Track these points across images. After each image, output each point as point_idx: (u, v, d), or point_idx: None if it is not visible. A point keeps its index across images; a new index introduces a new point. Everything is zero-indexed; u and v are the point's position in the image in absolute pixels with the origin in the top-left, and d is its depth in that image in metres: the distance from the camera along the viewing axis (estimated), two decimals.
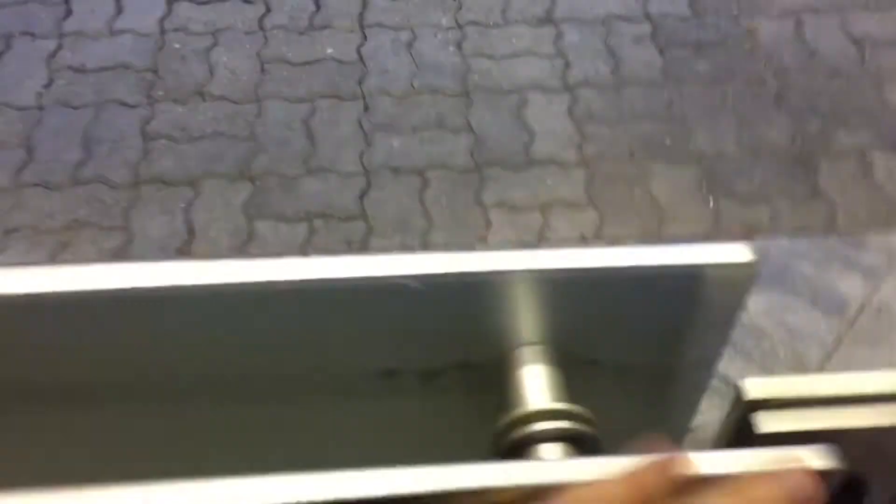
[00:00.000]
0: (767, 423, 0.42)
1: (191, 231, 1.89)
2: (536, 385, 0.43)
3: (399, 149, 2.05)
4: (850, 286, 1.77)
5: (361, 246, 1.86)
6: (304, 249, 1.86)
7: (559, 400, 0.42)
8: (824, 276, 1.78)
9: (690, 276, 0.42)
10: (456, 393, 0.46)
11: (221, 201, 1.95)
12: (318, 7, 2.36)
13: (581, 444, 0.42)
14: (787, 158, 2.02)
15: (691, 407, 0.54)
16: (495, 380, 0.44)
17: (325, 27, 2.32)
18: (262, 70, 2.21)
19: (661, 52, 2.26)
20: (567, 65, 2.23)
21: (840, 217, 1.90)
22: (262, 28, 2.30)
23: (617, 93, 2.17)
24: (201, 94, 2.15)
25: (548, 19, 2.34)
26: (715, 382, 0.73)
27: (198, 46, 2.25)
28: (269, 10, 2.35)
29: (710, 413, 0.59)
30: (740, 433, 0.44)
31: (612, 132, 2.09)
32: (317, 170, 2.00)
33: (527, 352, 0.43)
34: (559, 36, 2.30)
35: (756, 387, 0.43)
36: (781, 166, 2.01)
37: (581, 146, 2.06)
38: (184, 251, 1.85)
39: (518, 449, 0.41)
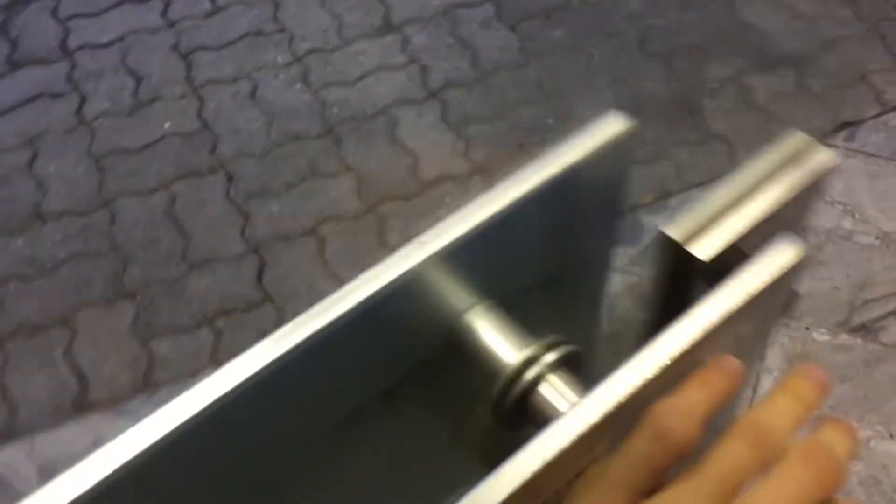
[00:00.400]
0: (706, 248, 0.42)
1: (81, 377, 1.65)
2: (498, 339, 0.42)
3: (280, 212, 1.86)
4: None
5: None
6: (216, 357, 1.67)
7: (525, 339, 0.41)
8: None
9: (576, 175, 0.41)
10: (425, 392, 0.45)
11: (105, 332, 1.71)
12: (137, 81, 2.11)
13: (570, 364, 0.41)
14: (670, 106, 1.97)
15: (602, 301, 0.56)
16: (456, 359, 0.42)
17: (153, 100, 2.08)
18: (100, 168, 1.96)
19: (513, 29, 2.16)
20: (424, 70, 2.09)
21: (739, 153, 1.87)
22: (83, 121, 2.04)
23: (484, 85, 2.06)
24: (40, 217, 1.88)
25: (387, 26, 2.19)
26: None
27: (17, 162, 1.97)
28: (84, 99, 2.08)
29: None
30: (680, 274, 0.43)
31: (493, 128, 1.98)
32: (199, 263, 1.79)
33: (469, 317, 0.42)
34: (405, 41, 2.16)
35: (674, 224, 0.42)
36: (668, 115, 1.96)
37: (467, 153, 1.94)
38: (81, 403, 1.61)
39: (521, 405, 0.40)
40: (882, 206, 1.65)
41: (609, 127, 0.42)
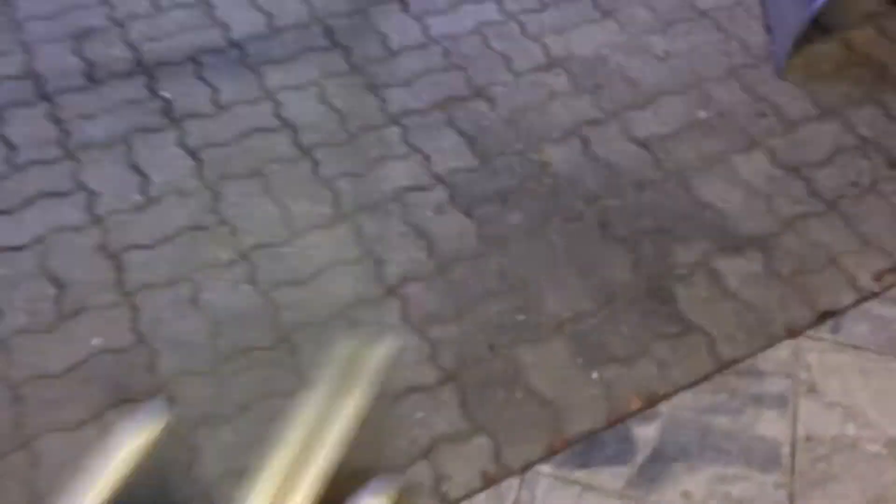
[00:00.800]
0: None
1: None
2: None
3: (235, 444, 1.65)
4: (771, 425, 1.64)
5: None
6: None
7: None
8: (743, 425, 1.65)
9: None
10: None
11: None
12: (60, 288, 1.90)
13: None
14: (641, 296, 1.90)
15: None
16: None
17: (79, 311, 1.86)
18: (17, 398, 1.71)
19: (468, 214, 2.07)
20: (380, 262, 1.96)
21: (720, 346, 1.80)
22: None
23: (444, 278, 1.94)
24: None
25: (338, 215, 2.07)
26: None
27: None
28: None
29: None
30: None
31: (460, 329, 1.84)
32: None
33: None
34: (358, 230, 2.03)
35: None
36: (641, 306, 1.88)
37: (435, 358, 1.79)
38: None
39: None
40: (883, 408, 1.59)
41: (141, 431, 0.36)
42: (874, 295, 1.82)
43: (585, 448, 1.62)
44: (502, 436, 1.66)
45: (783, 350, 1.75)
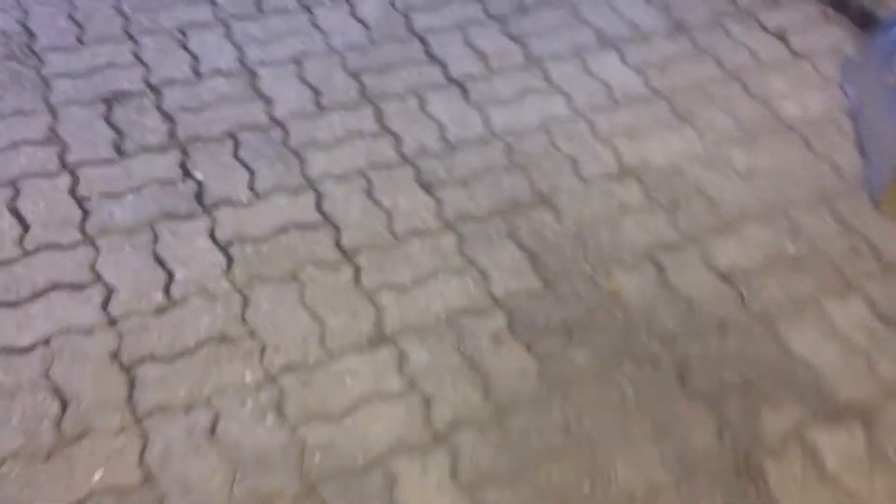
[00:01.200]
0: None
1: None
2: None
3: None
4: None
5: None
6: None
7: None
8: None
9: None
10: None
11: None
12: (63, 405, 1.66)
13: None
14: (727, 471, 1.64)
15: None
16: None
17: (82, 435, 1.63)
18: None
19: (529, 348, 1.83)
20: (427, 402, 1.72)
21: None
22: None
23: (500, 428, 1.69)
24: None
25: (381, 336, 1.83)
26: None
27: None
28: None
29: None
30: None
31: (515, 496, 1.59)
32: None
33: None
34: (402, 357, 1.79)
35: None
36: (726, 484, 1.62)
37: None
38: None
39: None
40: None
41: None
42: None
43: None
44: None
45: None
